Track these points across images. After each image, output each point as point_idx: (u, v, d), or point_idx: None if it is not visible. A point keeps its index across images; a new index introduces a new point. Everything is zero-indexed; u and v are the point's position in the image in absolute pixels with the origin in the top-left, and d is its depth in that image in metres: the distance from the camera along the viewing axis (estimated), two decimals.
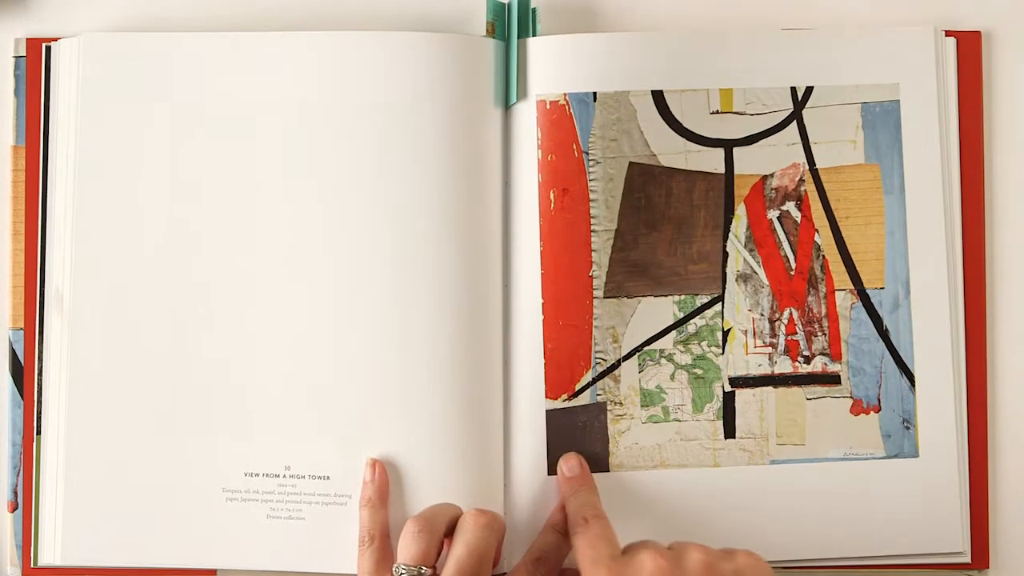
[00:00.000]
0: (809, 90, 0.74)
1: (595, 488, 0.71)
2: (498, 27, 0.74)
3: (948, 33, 0.75)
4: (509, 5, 0.74)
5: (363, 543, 0.70)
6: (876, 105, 0.74)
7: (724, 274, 0.73)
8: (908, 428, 0.73)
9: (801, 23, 0.76)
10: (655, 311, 0.73)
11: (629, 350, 0.73)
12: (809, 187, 0.74)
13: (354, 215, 0.73)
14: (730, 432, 0.73)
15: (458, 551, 0.67)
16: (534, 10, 0.74)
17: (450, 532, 0.69)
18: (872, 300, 0.73)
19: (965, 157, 0.74)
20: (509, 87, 0.74)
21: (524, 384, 0.73)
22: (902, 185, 0.73)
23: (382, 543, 0.70)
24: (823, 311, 0.74)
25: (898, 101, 0.74)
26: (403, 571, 0.67)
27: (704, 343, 0.73)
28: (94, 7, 0.77)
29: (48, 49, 0.75)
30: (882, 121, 0.74)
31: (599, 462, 0.73)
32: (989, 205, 0.75)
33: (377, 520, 0.70)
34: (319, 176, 0.73)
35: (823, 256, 0.74)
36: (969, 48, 0.75)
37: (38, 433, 0.74)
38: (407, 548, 0.67)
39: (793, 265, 0.74)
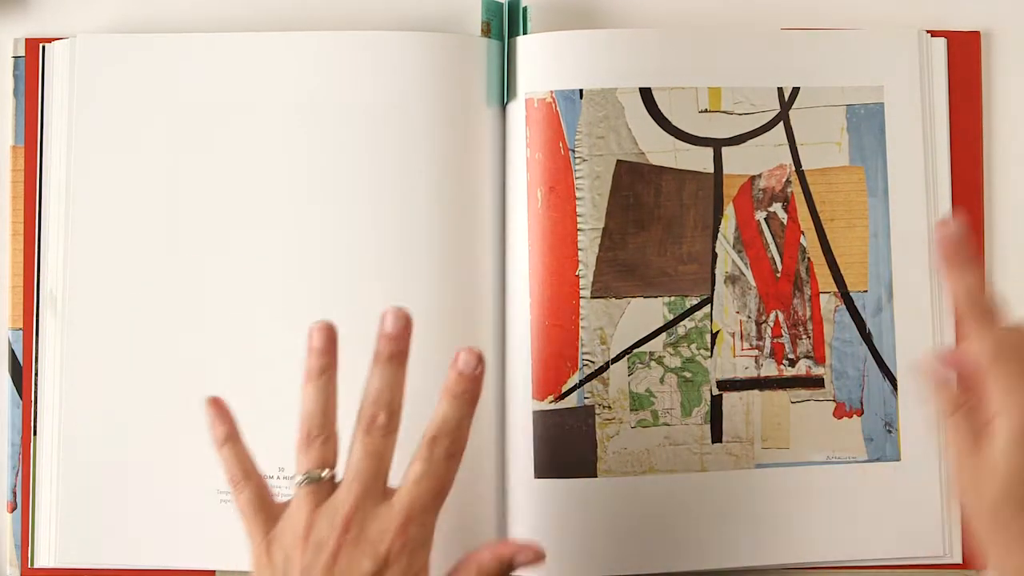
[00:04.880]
0: (795, 91, 0.74)
1: (980, 268, 0.60)
2: (493, 26, 0.73)
3: (946, 33, 0.75)
4: (504, 4, 0.73)
5: (236, 484, 0.63)
6: (861, 107, 0.74)
7: (713, 275, 0.73)
8: (890, 432, 0.73)
9: (794, 22, 0.75)
10: (645, 312, 0.72)
11: (618, 352, 0.72)
12: (795, 189, 0.73)
13: (349, 216, 0.72)
14: (717, 436, 0.72)
15: (355, 457, 0.62)
16: (525, 9, 0.73)
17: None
18: (855, 303, 0.73)
19: (959, 158, 0.74)
20: (504, 86, 0.73)
21: (513, 384, 0.72)
22: (886, 188, 0.73)
23: (258, 477, 0.64)
24: (808, 314, 0.73)
25: (882, 104, 0.74)
26: (301, 480, 0.62)
27: (693, 345, 0.72)
28: (94, 8, 0.76)
29: (44, 50, 0.75)
30: (867, 123, 0.74)
31: (586, 468, 0.71)
32: (988, 205, 0.75)
33: (244, 456, 0.64)
34: (314, 177, 0.72)
35: (808, 258, 0.73)
36: (968, 48, 0.75)
37: (35, 434, 0.74)
38: (304, 456, 0.62)
39: (779, 267, 0.73)
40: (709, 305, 0.73)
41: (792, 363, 0.73)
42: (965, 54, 0.75)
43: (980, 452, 0.56)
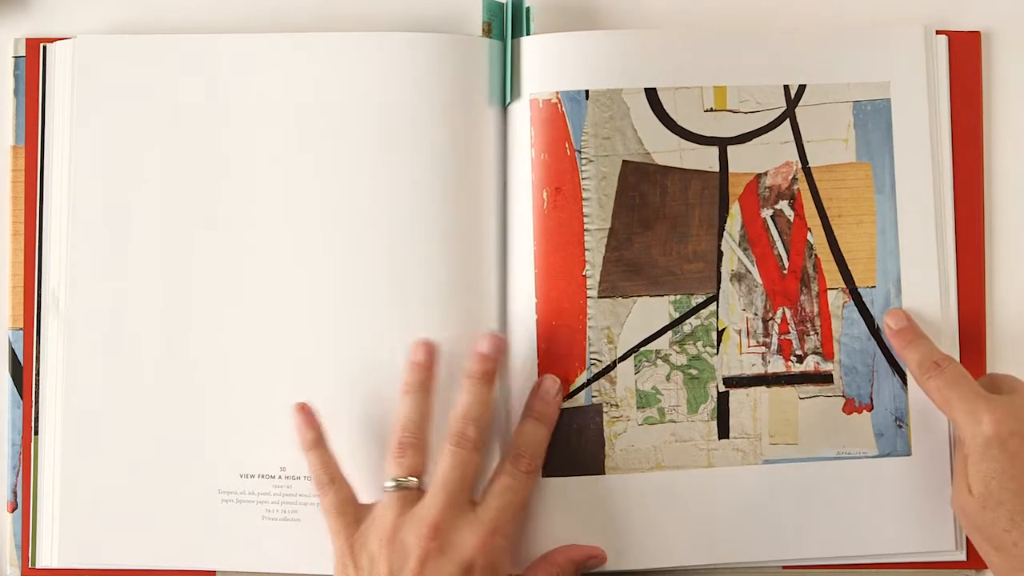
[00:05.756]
0: (802, 88, 0.74)
1: (928, 338, 0.71)
2: (494, 27, 0.73)
3: (946, 33, 0.75)
4: (506, 5, 0.73)
5: (322, 486, 0.68)
6: (868, 104, 0.74)
7: (719, 273, 0.73)
8: (900, 427, 0.73)
9: (799, 21, 0.75)
10: (651, 311, 0.72)
11: (625, 351, 0.72)
12: (802, 186, 0.73)
13: (350, 217, 0.72)
14: (724, 432, 0.72)
15: (443, 468, 0.67)
16: (528, 9, 0.73)
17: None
18: (864, 299, 0.73)
19: (960, 155, 0.74)
20: (506, 86, 0.73)
21: (519, 385, 0.72)
22: (893, 184, 0.73)
23: (342, 481, 0.68)
24: (815, 310, 0.73)
25: (889, 100, 0.74)
26: (391, 485, 0.66)
27: (699, 343, 0.73)
28: (94, 8, 0.76)
29: (44, 50, 0.75)
30: (873, 120, 0.73)
31: (594, 465, 0.72)
32: (988, 203, 0.75)
33: (330, 460, 0.69)
34: (316, 177, 0.72)
35: (815, 255, 0.73)
36: (968, 48, 0.75)
37: (36, 434, 0.74)
38: (396, 463, 0.67)
39: (786, 264, 0.73)
40: (715, 303, 0.73)
41: (800, 359, 0.73)
42: (965, 53, 0.75)
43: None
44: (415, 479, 0.67)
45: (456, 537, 0.65)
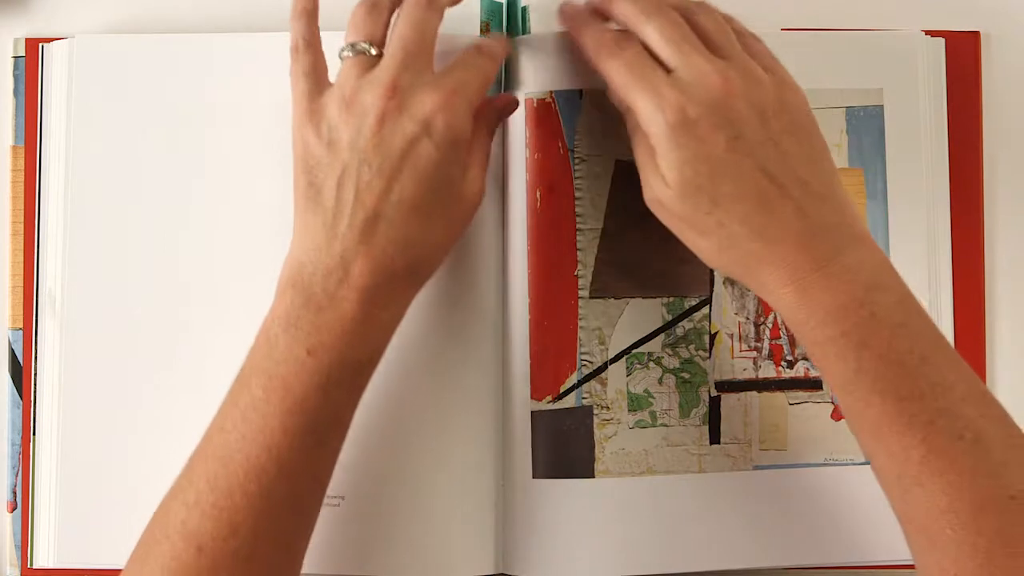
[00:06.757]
0: None
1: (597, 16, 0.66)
2: (493, 26, 0.73)
3: (944, 34, 0.75)
4: (504, 4, 0.73)
5: (296, 51, 0.64)
6: (860, 109, 0.74)
7: (712, 276, 0.73)
8: None
9: (798, 23, 0.75)
10: (644, 313, 0.72)
11: (617, 352, 0.72)
12: None
13: None
14: (715, 437, 0.72)
15: (400, 29, 0.63)
16: (524, 9, 0.73)
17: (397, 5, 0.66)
18: None
19: (957, 159, 0.75)
20: (503, 86, 0.73)
21: (513, 384, 0.72)
22: (885, 190, 0.74)
23: (319, 50, 0.65)
24: None
25: (882, 107, 0.74)
26: (348, 53, 0.63)
27: (692, 346, 0.72)
28: (93, 8, 0.76)
29: (43, 50, 0.75)
30: (866, 126, 0.74)
31: (584, 468, 0.71)
32: (989, 207, 0.75)
33: (314, 30, 0.65)
34: None
35: None
36: (966, 48, 0.75)
37: (35, 434, 0.74)
38: (354, 28, 0.64)
39: None
40: (708, 306, 0.73)
41: (790, 365, 0.73)
42: (964, 54, 0.75)
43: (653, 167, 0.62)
44: (374, 46, 0.64)
45: (415, 96, 0.62)
